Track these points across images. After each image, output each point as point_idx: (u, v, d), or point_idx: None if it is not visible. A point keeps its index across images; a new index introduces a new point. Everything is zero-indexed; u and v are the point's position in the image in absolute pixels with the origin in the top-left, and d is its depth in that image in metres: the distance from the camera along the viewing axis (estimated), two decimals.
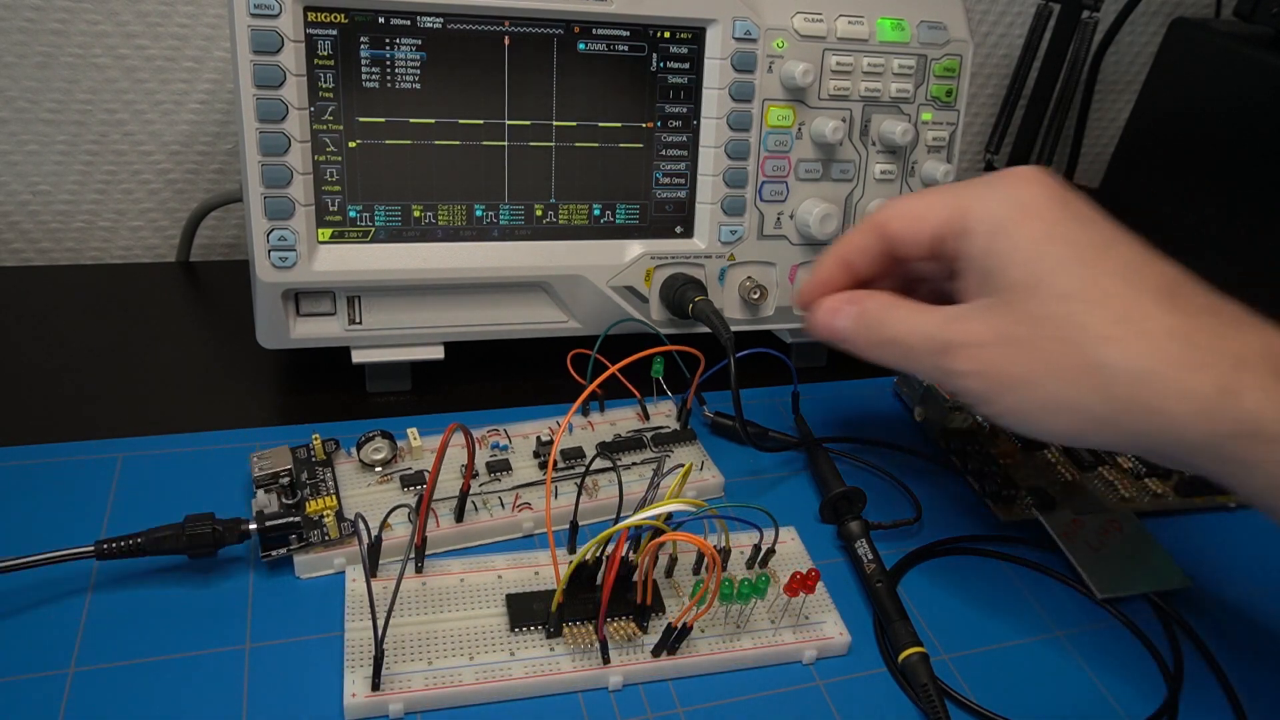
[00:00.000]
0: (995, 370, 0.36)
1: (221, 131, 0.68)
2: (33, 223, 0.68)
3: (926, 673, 0.40)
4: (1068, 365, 0.34)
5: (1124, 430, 0.34)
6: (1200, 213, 0.66)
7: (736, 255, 0.55)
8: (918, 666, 0.40)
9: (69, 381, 0.54)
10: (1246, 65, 0.62)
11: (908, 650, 0.41)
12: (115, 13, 0.62)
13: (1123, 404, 0.34)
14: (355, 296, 0.51)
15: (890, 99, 0.55)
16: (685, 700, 0.39)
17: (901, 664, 0.41)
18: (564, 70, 0.50)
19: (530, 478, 0.47)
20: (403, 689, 0.37)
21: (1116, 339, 0.34)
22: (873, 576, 0.44)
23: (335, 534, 0.42)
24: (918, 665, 0.40)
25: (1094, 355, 0.34)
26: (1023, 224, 0.36)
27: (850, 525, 0.47)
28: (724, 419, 0.53)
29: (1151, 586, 0.47)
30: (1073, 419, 0.35)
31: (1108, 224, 0.37)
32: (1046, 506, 0.51)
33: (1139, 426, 0.34)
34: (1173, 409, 0.33)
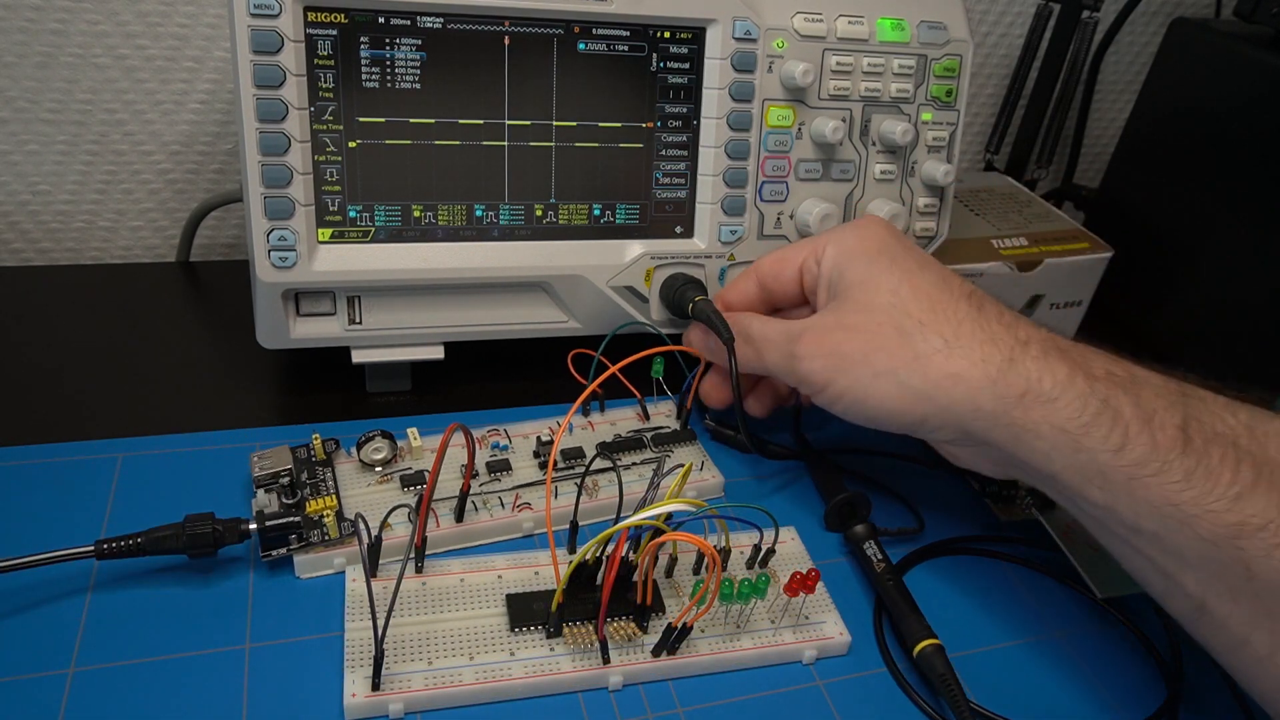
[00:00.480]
0: (834, 350, 0.44)
1: (221, 131, 0.68)
2: (33, 223, 0.68)
3: (944, 663, 0.40)
4: (892, 345, 0.42)
5: (936, 404, 0.41)
6: (1200, 213, 0.66)
7: (736, 255, 0.55)
8: (934, 658, 0.40)
9: (69, 381, 0.54)
10: (1246, 65, 0.62)
11: (923, 642, 0.41)
12: (115, 13, 0.62)
13: (933, 378, 0.41)
14: (355, 296, 0.51)
15: (890, 99, 0.55)
16: (685, 700, 0.39)
17: (917, 656, 0.41)
18: (564, 70, 0.50)
19: (530, 478, 0.47)
20: (403, 689, 0.37)
21: (930, 323, 0.42)
22: (883, 575, 0.44)
23: (335, 534, 0.42)
24: (933, 657, 0.40)
25: (912, 335, 0.42)
26: (861, 248, 0.46)
27: (857, 528, 0.47)
28: (724, 428, 0.53)
29: None
30: (896, 391, 0.42)
31: (927, 254, 0.46)
32: (1046, 506, 0.51)
33: (945, 398, 0.41)
34: (971, 375, 0.40)
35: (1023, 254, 0.65)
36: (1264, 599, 0.34)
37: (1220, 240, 0.65)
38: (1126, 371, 0.39)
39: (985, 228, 0.67)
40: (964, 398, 0.40)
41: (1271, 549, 0.34)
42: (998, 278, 0.64)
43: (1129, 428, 0.37)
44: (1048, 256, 0.65)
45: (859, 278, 0.44)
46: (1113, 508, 0.37)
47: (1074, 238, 0.67)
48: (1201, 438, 0.36)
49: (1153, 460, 0.36)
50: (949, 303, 0.42)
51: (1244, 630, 0.35)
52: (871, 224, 0.47)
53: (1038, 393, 0.39)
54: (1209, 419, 0.37)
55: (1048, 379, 0.39)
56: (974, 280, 0.63)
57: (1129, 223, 0.72)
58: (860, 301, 0.44)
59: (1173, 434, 0.36)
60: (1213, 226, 0.65)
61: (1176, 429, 0.36)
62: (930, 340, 0.41)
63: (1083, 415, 0.38)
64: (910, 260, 0.45)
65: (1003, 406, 0.39)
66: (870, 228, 0.47)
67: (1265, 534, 0.34)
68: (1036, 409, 0.39)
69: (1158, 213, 0.70)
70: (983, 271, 0.63)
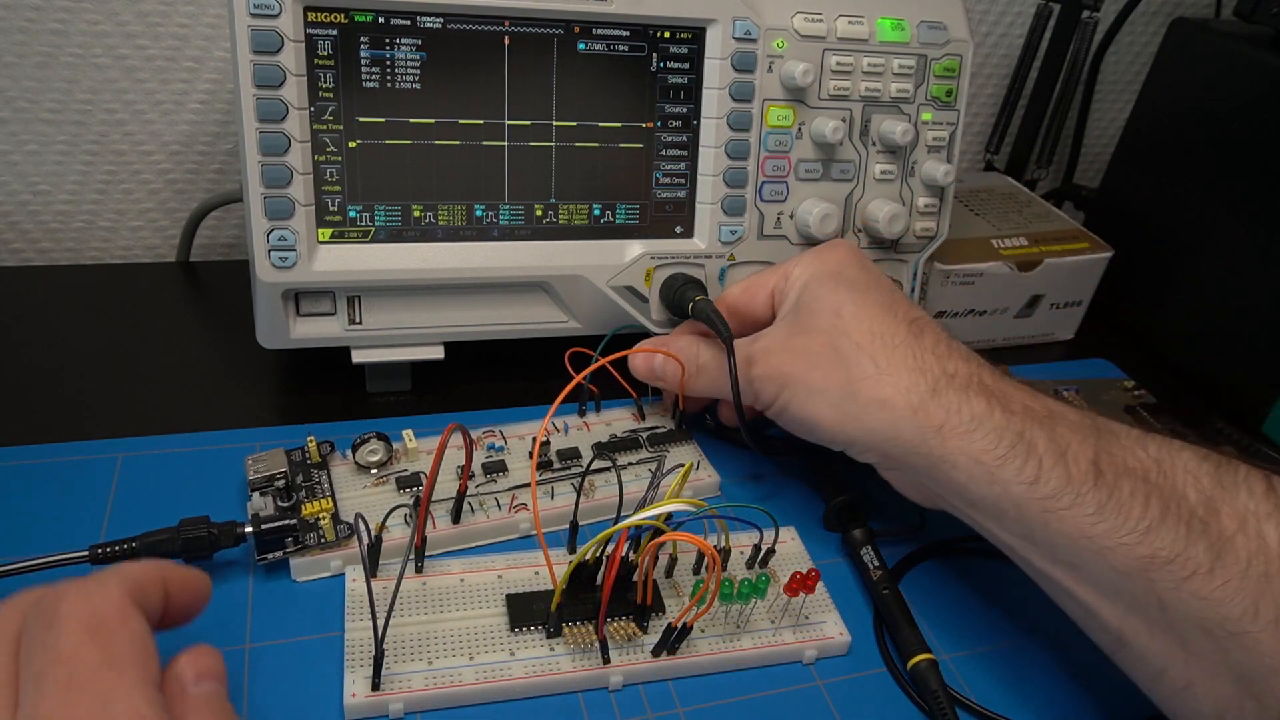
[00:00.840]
0: (779, 370, 0.45)
1: (221, 131, 0.68)
2: (33, 223, 0.68)
3: (936, 680, 0.40)
4: (828, 365, 0.43)
5: (863, 426, 0.42)
6: (1200, 213, 0.66)
7: (736, 255, 0.55)
8: (927, 674, 0.40)
9: (69, 381, 0.54)
10: (1246, 65, 0.62)
11: (917, 657, 0.40)
12: (115, 13, 0.62)
13: (861, 402, 0.42)
14: (355, 296, 0.51)
15: (890, 99, 0.55)
16: (685, 700, 0.39)
17: (910, 671, 0.40)
18: (564, 70, 0.50)
19: (526, 479, 0.47)
20: (403, 689, 0.37)
21: (865, 346, 0.43)
22: (879, 583, 0.44)
23: (331, 536, 0.42)
24: (927, 672, 0.40)
25: (848, 357, 0.43)
26: (822, 270, 0.47)
27: (854, 533, 0.47)
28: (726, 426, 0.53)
29: None
30: (829, 411, 0.43)
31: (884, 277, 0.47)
32: None
33: (871, 422, 0.42)
34: (895, 402, 0.41)
35: (1023, 254, 0.65)
36: (1177, 630, 0.35)
37: (1220, 240, 0.65)
38: (1044, 406, 0.40)
39: (985, 228, 0.67)
40: (887, 424, 0.41)
41: (1180, 581, 0.34)
42: (998, 278, 0.64)
43: (1043, 461, 0.38)
44: (1048, 256, 0.65)
45: (810, 298, 0.46)
46: (1029, 539, 0.39)
47: (1074, 238, 0.67)
48: (1113, 471, 0.37)
49: (1066, 493, 0.37)
50: (889, 327, 0.43)
51: (1160, 661, 0.36)
52: (836, 247, 0.48)
53: (955, 425, 0.40)
54: (1120, 453, 0.37)
55: (966, 411, 0.40)
56: (974, 280, 0.63)
57: (1129, 223, 0.72)
58: (805, 323, 0.45)
59: (1085, 468, 0.37)
60: (1213, 226, 0.65)
61: (1089, 463, 0.37)
62: (863, 364, 0.42)
63: (998, 448, 0.39)
64: (862, 282, 0.46)
65: (921, 436, 0.40)
66: (833, 251, 0.48)
67: (1174, 566, 0.34)
68: (953, 440, 0.40)
69: (1158, 213, 0.70)
70: (983, 271, 0.63)
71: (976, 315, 0.65)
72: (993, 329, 0.67)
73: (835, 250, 0.48)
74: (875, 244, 0.58)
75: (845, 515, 0.48)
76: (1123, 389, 0.63)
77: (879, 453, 0.43)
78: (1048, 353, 0.69)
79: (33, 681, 0.25)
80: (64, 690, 0.25)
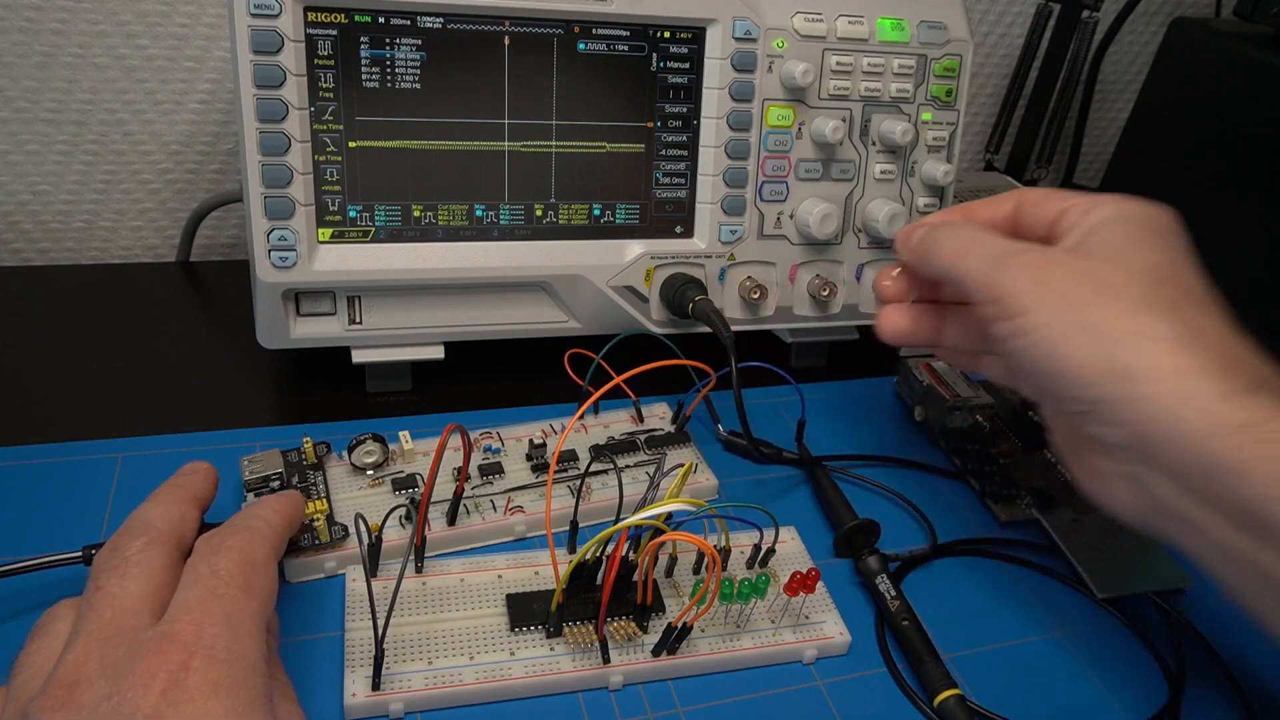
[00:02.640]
0: (1052, 280, 0.37)
1: (221, 131, 0.68)
2: (33, 223, 0.68)
3: (965, 715, 0.39)
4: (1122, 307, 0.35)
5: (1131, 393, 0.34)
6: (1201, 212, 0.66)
7: (736, 255, 0.55)
8: (955, 711, 0.39)
9: (69, 381, 0.54)
10: (1246, 65, 0.62)
11: (944, 694, 0.40)
12: (115, 13, 0.62)
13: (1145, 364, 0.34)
14: (355, 296, 0.51)
15: (890, 99, 0.55)
16: (685, 700, 0.39)
17: (939, 708, 0.40)
18: (564, 70, 0.50)
19: (522, 481, 0.47)
20: (403, 689, 0.37)
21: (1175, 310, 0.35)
22: (898, 614, 0.43)
23: (326, 538, 0.42)
24: (955, 709, 0.39)
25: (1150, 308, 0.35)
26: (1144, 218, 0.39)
27: (868, 560, 0.45)
28: (736, 437, 0.53)
29: (1152, 586, 0.47)
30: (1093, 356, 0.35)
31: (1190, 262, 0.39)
32: (1046, 506, 0.51)
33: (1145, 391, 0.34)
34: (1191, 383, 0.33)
35: None
36: None
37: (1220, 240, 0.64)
38: None
39: None
40: (1174, 399, 0.33)
41: None
42: None
43: None
44: None
45: (1125, 236, 0.38)
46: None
47: None
48: None
49: None
50: (1202, 306, 0.36)
51: None
52: (1164, 210, 0.41)
53: (1267, 433, 0.32)
54: None
55: None
56: None
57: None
58: (1112, 254, 0.37)
59: None
60: (1212, 226, 0.65)
61: None
62: (1168, 324, 0.35)
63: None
64: (1185, 255, 0.39)
65: (1215, 430, 0.33)
66: (1162, 211, 0.40)
67: None
68: (1259, 447, 0.32)
69: None
70: None
71: None
72: None
73: (1164, 212, 0.40)
74: (875, 244, 0.58)
75: (857, 541, 0.47)
76: None
77: (1134, 432, 0.35)
78: None
79: (190, 581, 0.33)
80: (208, 595, 0.32)
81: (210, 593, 0.33)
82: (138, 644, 0.30)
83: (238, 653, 0.31)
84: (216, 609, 0.32)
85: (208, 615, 0.32)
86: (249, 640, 0.32)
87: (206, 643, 0.31)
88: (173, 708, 0.29)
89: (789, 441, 0.53)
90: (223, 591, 0.33)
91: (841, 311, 0.59)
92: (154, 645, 0.30)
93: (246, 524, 0.37)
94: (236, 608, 0.33)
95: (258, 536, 0.36)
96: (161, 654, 0.30)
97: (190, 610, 0.32)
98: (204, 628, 0.31)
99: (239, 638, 0.32)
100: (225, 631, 0.31)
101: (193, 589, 0.33)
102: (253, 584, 0.34)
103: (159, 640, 0.30)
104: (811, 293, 0.57)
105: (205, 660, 0.30)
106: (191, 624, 0.31)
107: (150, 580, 0.33)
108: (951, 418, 0.55)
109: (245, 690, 0.30)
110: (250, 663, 0.31)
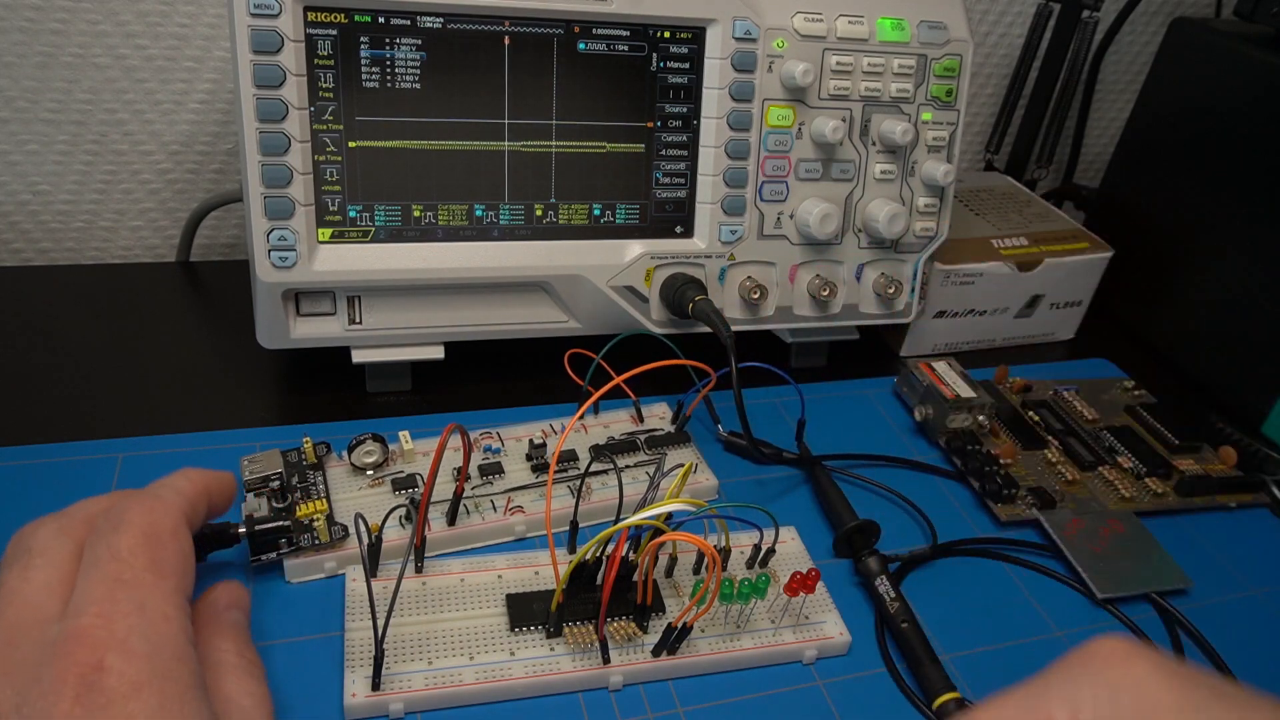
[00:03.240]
0: None
1: (221, 131, 0.68)
2: (33, 223, 0.68)
3: None
4: None
5: None
6: (1200, 212, 0.66)
7: (736, 255, 0.55)
8: (954, 714, 0.39)
9: (69, 381, 0.54)
10: (1246, 65, 0.62)
11: (943, 697, 0.40)
12: (115, 13, 0.62)
13: None
14: (355, 296, 0.51)
15: (890, 99, 0.55)
16: (685, 700, 0.39)
17: (937, 710, 0.40)
18: (564, 70, 0.50)
19: (522, 480, 0.47)
20: (403, 689, 0.37)
21: None
22: (897, 615, 0.43)
23: (326, 538, 0.42)
24: (954, 712, 0.39)
25: None
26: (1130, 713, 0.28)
27: (868, 561, 0.45)
28: (736, 438, 0.53)
29: (1151, 586, 0.47)
30: None
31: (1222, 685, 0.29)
32: (1046, 506, 0.51)
33: None
34: None
35: (1023, 254, 0.65)
36: None
37: (1220, 240, 0.65)
38: None
39: (985, 228, 0.67)
40: None
41: None
42: (998, 277, 0.64)
43: None
44: (1048, 256, 0.65)
45: None
46: None
47: (1074, 238, 0.67)
48: None
49: None
50: None
51: None
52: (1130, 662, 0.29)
53: None
54: None
55: None
56: (974, 280, 0.63)
57: (1129, 223, 0.72)
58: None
59: None
60: (1213, 226, 0.65)
61: None
62: None
63: None
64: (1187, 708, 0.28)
65: None
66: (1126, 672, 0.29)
67: None
68: None
69: (1158, 213, 0.70)
70: (983, 271, 0.63)
71: (976, 315, 0.65)
72: (993, 329, 0.67)
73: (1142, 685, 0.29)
74: (875, 244, 0.58)
75: (857, 542, 0.47)
76: (1123, 389, 0.63)
77: None
78: (1048, 353, 0.69)
79: (90, 569, 0.30)
80: (113, 581, 0.30)
81: (115, 578, 0.30)
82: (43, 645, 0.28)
83: (156, 642, 0.29)
84: (124, 596, 0.29)
85: (116, 605, 0.29)
86: (167, 625, 0.29)
87: (120, 636, 0.28)
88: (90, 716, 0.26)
89: (789, 441, 0.53)
90: (129, 576, 0.30)
91: (841, 311, 0.59)
92: (61, 647, 0.28)
93: (150, 492, 0.34)
94: (147, 592, 0.30)
95: (161, 505, 0.33)
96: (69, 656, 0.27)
97: (96, 601, 0.29)
98: (114, 620, 0.28)
99: (155, 625, 0.29)
100: (140, 621, 0.29)
101: (94, 575, 0.30)
102: (161, 561, 0.31)
103: (65, 641, 0.28)
104: (811, 293, 0.57)
105: (121, 657, 0.28)
106: (99, 616, 0.28)
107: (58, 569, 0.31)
108: (951, 418, 0.55)
109: (170, 683, 0.28)
110: (172, 650, 0.29)
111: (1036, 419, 0.58)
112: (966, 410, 0.55)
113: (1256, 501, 0.55)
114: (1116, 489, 0.53)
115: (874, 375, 0.62)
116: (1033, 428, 0.57)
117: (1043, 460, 0.55)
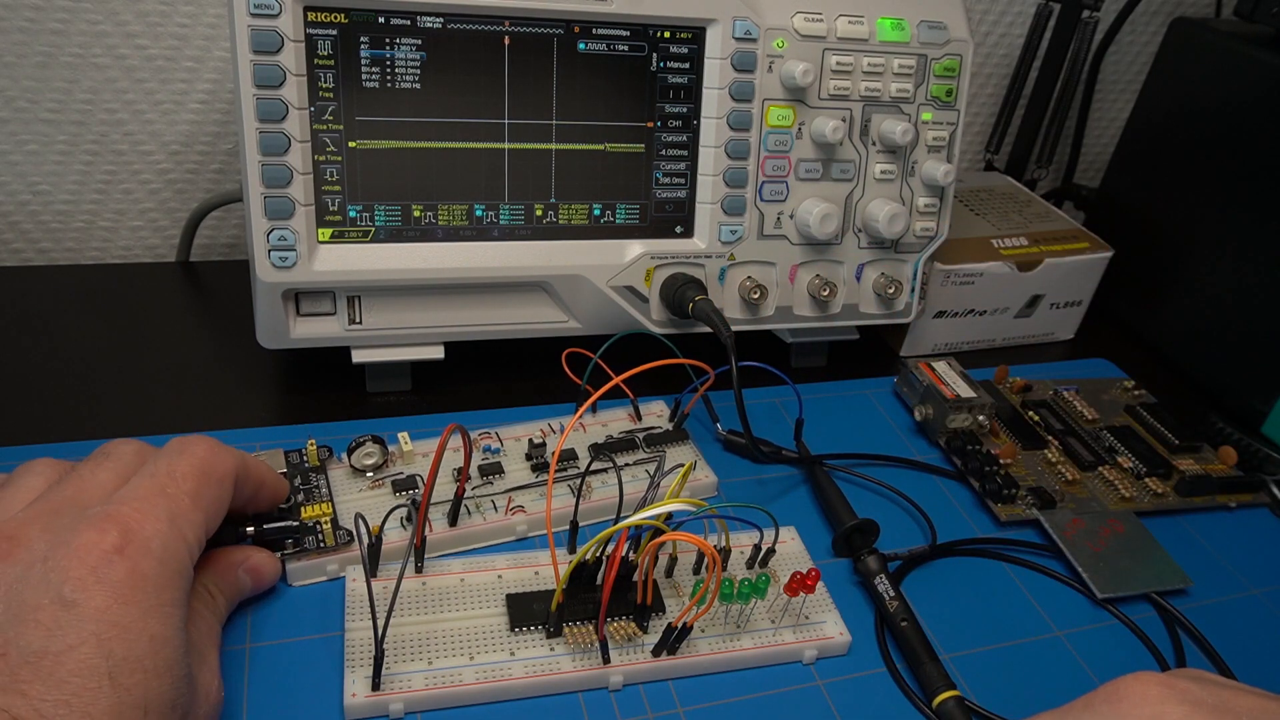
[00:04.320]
0: None
1: (221, 131, 0.68)
2: (33, 223, 0.68)
3: (963, 716, 0.39)
4: None
5: None
6: (1200, 212, 0.66)
7: (736, 255, 0.55)
8: (954, 712, 0.39)
9: (69, 381, 0.54)
10: (1246, 65, 0.62)
11: (943, 695, 0.40)
12: (115, 13, 0.62)
13: None
14: (355, 296, 0.51)
15: (890, 99, 0.55)
16: (685, 700, 0.39)
17: (937, 709, 0.40)
18: (564, 70, 0.50)
19: (522, 480, 0.47)
20: (403, 689, 0.37)
21: None
22: (897, 614, 0.43)
23: (331, 541, 0.42)
24: (954, 711, 0.39)
25: None
26: None
27: (867, 560, 0.45)
28: (736, 437, 0.53)
29: (1151, 586, 0.47)
30: None
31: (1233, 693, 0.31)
32: (1046, 506, 0.51)
33: None
34: None
35: (1023, 254, 0.65)
36: None
37: (1220, 240, 0.65)
38: None
39: (985, 228, 0.67)
40: None
41: None
42: (998, 277, 0.64)
43: None
44: (1048, 256, 0.65)
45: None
46: None
47: (1074, 237, 0.67)
48: None
49: None
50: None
51: None
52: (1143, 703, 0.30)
53: None
54: None
55: None
56: (974, 280, 0.63)
57: (1129, 223, 0.72)
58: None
59: None
60: (1212, 226, 0.65)
61: None
62: None
63: None
64: None
65: None
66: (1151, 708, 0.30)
67: None
68: None
69: (1158, 213, 0.70)
70: (983, 271, 0.63)
71: (976, 315, 0.65)
72: (993, 329, 0.67)
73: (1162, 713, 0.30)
74: (875, 244, 0.58)
75: (856, 541, 0.47)
76: (1123, 389, 0.63)
77: None
78: (1048, 353, 0.69)
79: (145, 475, 0.34)
80: (158, 491, 0.34)
81: (160, 489, 0.34)
82: (82, 518, 0.32)
83: (171, 552, 0.32)
84: (163, 505, 0.33)
85: (153, 508, 0.33)
86: (183, 547, 0.33)
87: (147, 534, 0.32)
88: (99, 584, 0.30)
89: (788, 441, 0.53)
90: (173, 491, 0.34)
91: (841, 312, 0.59)
92: (96, 521, 0.31)
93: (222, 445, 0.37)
94: (181, 511, 0.34)
95: (226, 455, 0.37)
96: (101, 531, 0.31)
97: (139, 498, 0.33)
98: (147, 519, 0.32)
99: (175, 540, 0.33)
100: (166, 528, 0.32)
101: (145, 480, 0.34)
102: (202, 494, 0.35)
103: (101, 517, 0.31)
104: (811, 293, 0.57)
105: (140, 550, 0.31)
106: (136, 511, 0.32)
107: (121, 476, 0.35)
108: (951, 418, 0.55)
109: (166, 591, 0.32)
110: (178, 567, 0.32)
111: (1036, 419, 0.58)
112: (966, 410, 0.55)
113: (1256, 501, 0.55)
114: (1116, 489, 0.53)
115: (874, 375, 0.62)
116: (1033, 428, 0.57)
117: (1043, 460, 0.55)
